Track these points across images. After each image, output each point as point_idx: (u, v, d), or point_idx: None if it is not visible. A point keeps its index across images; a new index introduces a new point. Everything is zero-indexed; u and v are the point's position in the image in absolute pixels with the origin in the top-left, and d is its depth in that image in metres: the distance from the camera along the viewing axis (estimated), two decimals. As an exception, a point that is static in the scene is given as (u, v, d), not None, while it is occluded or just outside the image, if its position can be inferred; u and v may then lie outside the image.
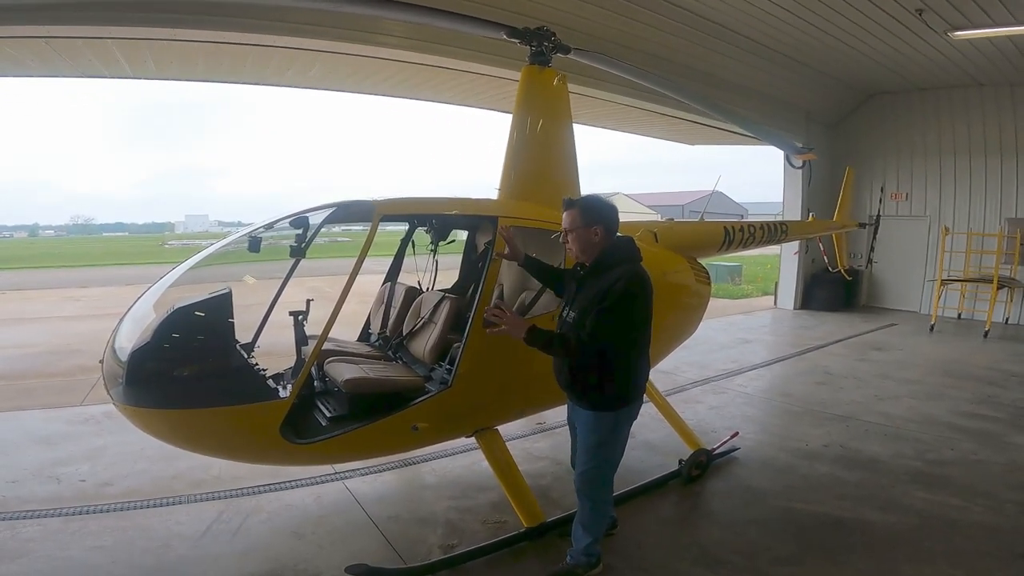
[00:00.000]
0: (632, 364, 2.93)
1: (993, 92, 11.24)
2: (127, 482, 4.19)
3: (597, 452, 3.00)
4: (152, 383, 2.89)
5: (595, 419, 2.97)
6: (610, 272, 2.85)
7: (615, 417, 2.95)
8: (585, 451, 3.04)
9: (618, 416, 2.96)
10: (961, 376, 7.48)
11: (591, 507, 3.09)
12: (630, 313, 2.78)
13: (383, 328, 4.45)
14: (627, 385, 2.94)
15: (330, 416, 3.31)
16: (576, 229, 2.96)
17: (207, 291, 3.24)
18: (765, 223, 6.38)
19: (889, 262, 12.59)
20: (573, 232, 2.97)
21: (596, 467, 3.02)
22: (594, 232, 2.93)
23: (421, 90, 9.37)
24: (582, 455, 3.06)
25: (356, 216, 3.45)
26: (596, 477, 3.04)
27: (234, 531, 3.60)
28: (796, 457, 4.79)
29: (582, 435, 3.06)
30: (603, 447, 3.00)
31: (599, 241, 2.94)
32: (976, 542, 3.51)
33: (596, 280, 2.88)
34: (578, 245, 2.97)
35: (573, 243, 2.99)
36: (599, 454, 3.01)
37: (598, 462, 3.02)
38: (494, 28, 3.90)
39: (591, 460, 3.02)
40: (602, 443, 2.99)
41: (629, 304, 2.77)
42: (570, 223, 2.98)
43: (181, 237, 51.45)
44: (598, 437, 2.99)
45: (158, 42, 6.34)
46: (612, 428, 2.97)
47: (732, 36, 8.49)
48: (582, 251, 2.97)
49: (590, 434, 3.00)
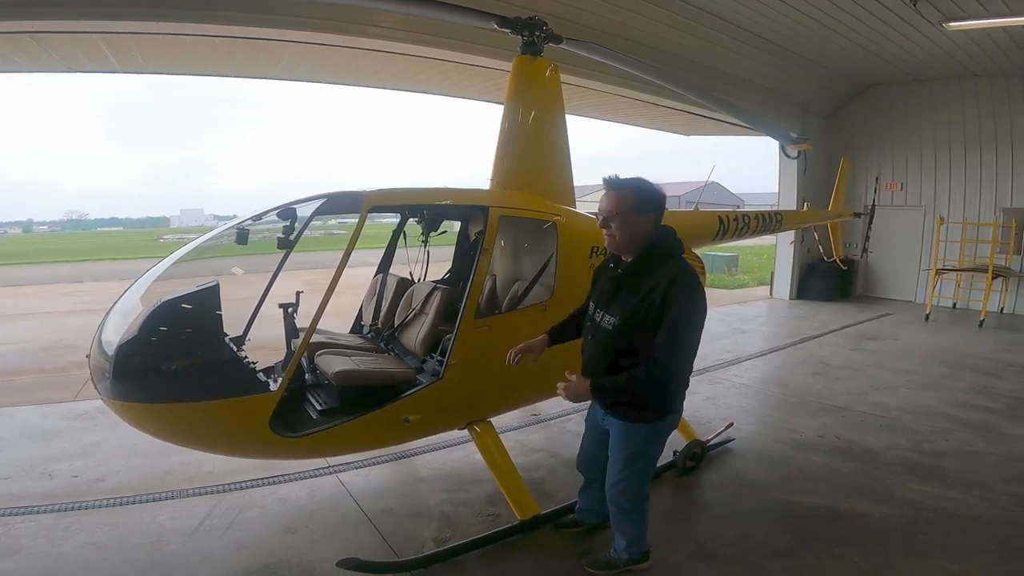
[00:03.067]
0: (682, 375, 2.60)
1: (988, 83, 11.23)
2: (120, 478, 4.16)
3: (630, 464, 2.78)
4: (138, 377, 2.85)
5: (630, 431, 2.73)
6: (658, 270, 2.53)
7: (651, 429, 2.72)
8: (616, 462, 2.82)
9: (654, 428, 2.73)
10: (957, 366, 7.49)
11: (623, 514, 2.92)
12: (696, 322, 2.49)
13: (375, 320, 4.42)
14: (670, 396, 2.67)
15: (321, 409, 3.29)
16: (625, 215, 2.54)
17: (194, 284, 3.21)
18: (760, 213, 6.37)
19: (884, 252, 12.58)
20: (620, 218, 2.55)
21: (629, 479, 2.80)
22: (646, 220, 2.56)
23: (413, 82, 9.31)
24: (614, 466, 2.83)
25: (345, 207, 3.40)
26: (629, 488, 2.83)
27: (227, 526, 3.58)
28: (791, 448, 4.79)
29: (615, 445, 2.81)
30: (637, 460, 2.78)
31: (648, 232, 2.58)
32: (972, 535, 3.50)
33: (641, 279, 2.55)
34: (624, 233, 2.56)
35: (618, 231, 2.56)
36: (632, 466, 2.78)
37: (631, 473, 2.79)
38: (485, 18, 3.86)
39: (623, 471, 2.80)
40: (636, 456, 2.77)
41: (695, 312, 2.47)
42: (617, 207, 2.55)
43: (176, 231, 51.24)
44: (632, 450, 2.76)
45: (147, 36, 6.29)
46: (648, 440, 2.76)
47: (727, 26, 8.43)
48: (627, 242, 2.57)
49: (623, 446, 2.77)
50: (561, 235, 3.74)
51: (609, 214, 2.57)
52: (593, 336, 2.74)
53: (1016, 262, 11.26)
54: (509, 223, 4.02)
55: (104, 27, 5.73)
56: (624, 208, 2.55)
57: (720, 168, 36.55)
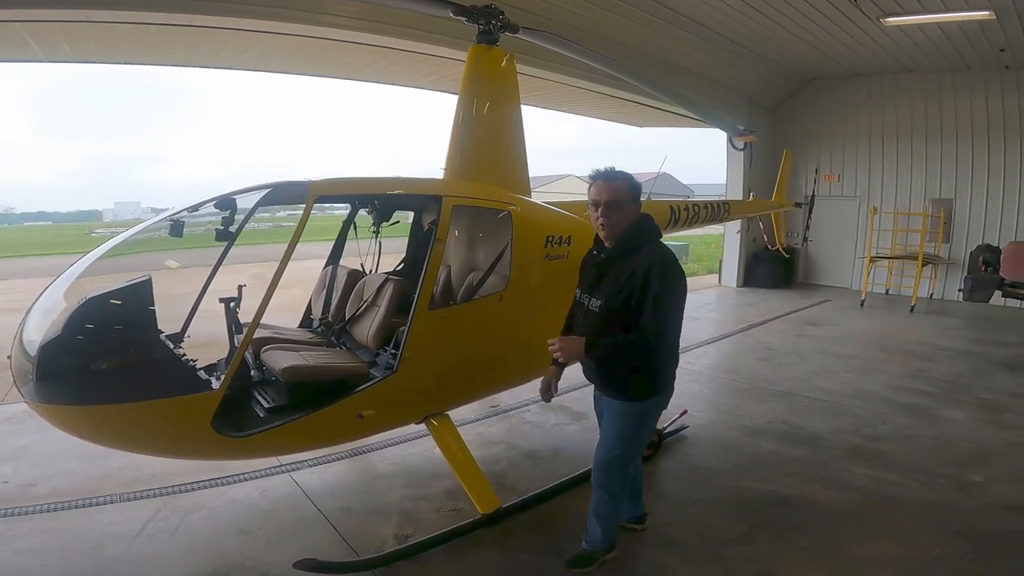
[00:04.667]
0: (671, 351, 2.76)
1: (920, 77, 11.79)
2: (53, 482, 3.93)
3: (621, 442, 2.86)
4: (64, 378, 2.68)
5: (625, 408, 2.82)
6: (637, 253, 2.67)
7: (644, 407, 2.82)
8: (608, 439, 2.90)
9: (647, 406, 2.82)
10: (893, 351, 7.86)
11: (608, 499, 2.97)
12: (677, 297, 2.64)
13: (324, 313, 4.28)
14: (662, 374, 2.79)
15: (268, 407, 3.16)
16: (626, 204, 2.69)
17: (123, 279, 3.02)
18: (709, 202, 6.52)
19: (822, 241, 13.10)
20: (623, 207, 2.69)
21: (618, 456, 2.88)
22: (635, 208, 2.73)
23: (368, 71, 9.03)
24: (605, 443, 2.91)
25: (290, 198, 3.27)
26: (617, 466, 2.90)
27: (173, 529, 3.42)
28: (743, 435, 4.91)
29: (607, 422, 2.92)
30: (628, 438, 2.87)
31: (634, 219, 2.73)
32: (915, 519, 3.64)
33: (624, 262, 2.69)
34: (623, 221, 2.69)
35: (618, 219, 2.69)
36: (623, 444, 2.87)
37: (621, 451, 2.87)
38: (441, 6, 3.79)
39: (614, 449, 2.87)
40: (627, 433, 2.86)
41: (675, 287, 2.61)
42: (619, 196, 2.69)
43: (110, 225, 48.64)
44: (624, 427, 2.85)
45: (74, 24, 5.88)
46: (641, 418, 2.85)
47: (679, 19, 8.56)
48: (623, 228, 2.70)
49: (615, 423, 2.86)
50: (516, 225, 3.69)
51: (611, 203, 2.68)
52: (584, 319, 2.85)
53: (945, 250, 11.91)
54: (463, 213, 3.95)
55: (25, 15, 5.33)
56: (625, 198, 2.70)
57: (671, 160, 37.25)
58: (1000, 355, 7.70)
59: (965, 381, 6.51)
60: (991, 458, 4.51)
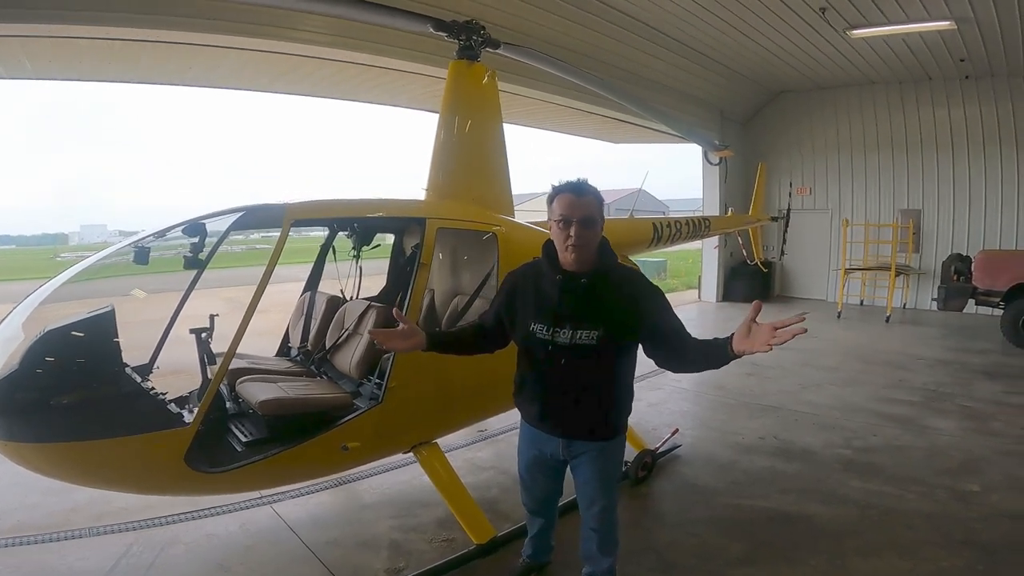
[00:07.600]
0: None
1: (884, 89, 12.11)
2: (17, 516, 3.68)
3: (613, 485, 2.61)
4: (23, 414, 2.50)
5: (610, 448, 2.52)
6: (611, 275, 2.40)
7: (622, 441, 2.59)
8: (600, 488, 2.54)
9: (622, 440, 2.59)
10: (873, 361, 7.91)
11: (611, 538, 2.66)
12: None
13: (303, 342, 4.10)
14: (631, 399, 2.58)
15: (246, 441, 2.98)
16: (598, 220, 2.34)
17: (84, 309, 2.85)
18: (690, 219, 6.55)
19: (798, 254, 13.28)
20: (598, 224, 2.35)
21: (613, 499, 2.61)
22: (602, 225, 2.40)
23: (342, 89, 8.88)
24: (598, 492, 2.54)
25: (265, 222, 3.11)
26: (613, 510, 2.62)
27: (147, 565, 3.19)
28: (736, 452, 4.83)
29: (595, 471, 2.52)
30: (614, 476, 2.62)
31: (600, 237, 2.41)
32: (917, 531, 3.58)
33: (610, 285, 2.37)
34: (593, 239, 2.33)
35: (593, 236, 2.33)
36: (614, 486, 2.63)
37: (614, 493, 2.62)
38: (420, 21, 3.70)
39: (610, 494, 2.58)
40: (614, 473, 2.61)
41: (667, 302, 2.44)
42: (596, 211, 2.33)
43: (76, 249, 47.36)
44: (613, 468, 2.58)
45: (33, 39, 5.65)
46: (621, 453, 2.61)
47: (654, 34, 8.67)
48: (591, 247, 2.34)
49: (604, 468, 2.53)
50: (502, 246, 3.57)
51: (586, 220, 2.29)
52: (554, 355, 2.38)
53: (915, 260, 12.15)
54: (448, 235, 3.83)
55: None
56: (598, 214, 2.35)
57: (640, 177, 37.72)
58: (978, 363, 7.81)
59: (947, 390, 6.56)
60: (984, 467, 4.50)
